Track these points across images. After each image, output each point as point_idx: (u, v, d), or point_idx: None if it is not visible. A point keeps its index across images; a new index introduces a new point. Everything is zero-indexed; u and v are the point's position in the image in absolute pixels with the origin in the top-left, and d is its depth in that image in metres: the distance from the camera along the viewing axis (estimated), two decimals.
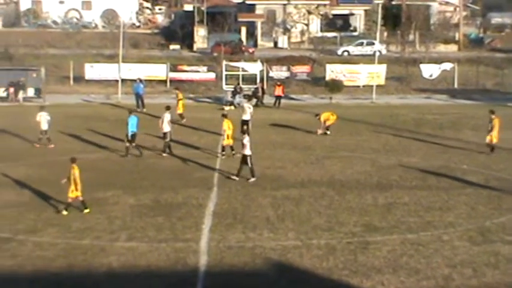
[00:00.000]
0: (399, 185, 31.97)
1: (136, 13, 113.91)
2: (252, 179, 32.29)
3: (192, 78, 67.26)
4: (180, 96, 48.61)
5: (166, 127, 37.86)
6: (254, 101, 57.71)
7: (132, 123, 37.17)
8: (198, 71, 68.07)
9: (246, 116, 41.64)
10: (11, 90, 57.78)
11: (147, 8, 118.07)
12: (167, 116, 38.12)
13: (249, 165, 32.52)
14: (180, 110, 47.14)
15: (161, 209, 28.24)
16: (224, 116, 38.14)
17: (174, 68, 67.58)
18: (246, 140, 32.72)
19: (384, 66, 66.25)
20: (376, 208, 28.59)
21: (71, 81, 67.30)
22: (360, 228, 26.08)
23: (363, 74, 65.93)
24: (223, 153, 37.57)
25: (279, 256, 23.31)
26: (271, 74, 66.91)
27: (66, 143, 41.08)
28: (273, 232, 25.49)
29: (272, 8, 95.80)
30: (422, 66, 69.35)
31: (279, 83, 59.17)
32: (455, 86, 66.99)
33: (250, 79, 64.05)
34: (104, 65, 67.33)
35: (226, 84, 62.40)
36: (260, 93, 58.05)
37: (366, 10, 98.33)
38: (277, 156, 37.50)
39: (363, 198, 29.97)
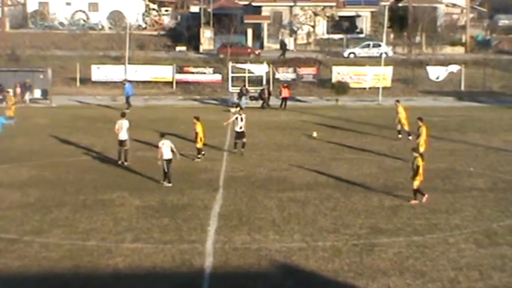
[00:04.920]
0: (405, 187, 31.87)
1: (143, 15, 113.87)
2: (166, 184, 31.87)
3: (198, 80, 67.41)
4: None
5: (125, 135, 36.45)
6: (260, 102, 57.89)
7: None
8: (204, 73, 68.23)
9: (238, 128, 38.59)
10: (18, 91, 57.94)
11: (154, 9, 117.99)
12: (125, 123, 36.64)
13: (166, 169, 31.87)
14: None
15: (167, 210, 28.25)
16: (197, 118, 37.49)
17: (180, 70, 67.76)
18: (161, 143, 31.87)
19: (390, 68, 66.28)
20: (382, 210, 28.55)
21: (78, 83, 67.51)
22: (366, 230, 26.05)
23: (369, 76, 65.98)
24: (199, 156, 37.26)
25: (284, 258, 23.28)
26: (277, 75, 66.99)
27: (72, 144, 41.13)
28: (278, 234, 25.48)
29: (278, 10, 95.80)
30: (428, 68, 69.37)
31: (285, 85, 59.21)
32: (462, 88, 66.98)
33: (256, 81, 64.12)
34: (110, 67, 67.54)
35: (232, 85, 62.44)
36: (266, 95, 58.15)
37: (372, 12, 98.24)
38: (283, 158, 37.49)
39: (369, 200, 29.93)
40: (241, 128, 38.13)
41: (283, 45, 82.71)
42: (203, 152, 37.41)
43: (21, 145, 40.84)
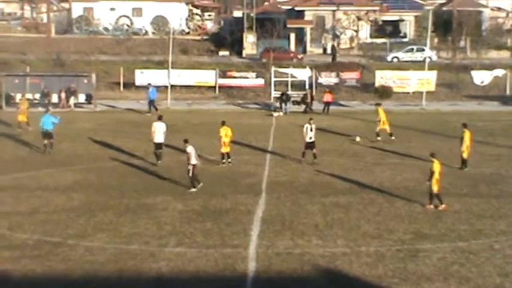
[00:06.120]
0: (449, 192, 31.62)
1: (186, 19, 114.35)
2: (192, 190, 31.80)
3: (240, 85, 67.56)
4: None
5: (161, 137, 36.81)
6: (303, 107, 57.84)
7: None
8: (247, 77, 68.35)
9: (308, 138, 37.52)
10: (63, 96, 58.53)
11: (197, 14, 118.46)
12: (162, 126, 37.03)
13: (190, 174, 31.72)
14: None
15: (210, 214, 28.29)
16: (222, 123, 37.44)
17: (223, 74, 67.94)
18: (190, 148, 31.83)
19: (434, 73, 65.83)
20: (426, 216, 28.32)
21: (121, 87, 67.99)
22: (410, 235, 25.86)
23: (412, 80, 65.65)
24: (223, 161, 37.20)
25: (327, 263, 23.18)
26: (320, 80, 66.86)
27: (115, 149, 41.41)
28: (321, 239, 25.39)
29: (321, 14, 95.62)
30: (473, 72, 68.79)
31: (328, 90, 59.07)
32: (507, 92, 66.25)
33: (299, 85, 64.06)
34: (153, 71, 67.89)
35: (275, 90, 62.42)
36: (309, 100, 58.08)
37: (416, 16, 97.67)
38: (326, 163, 37.36)
39: (413, 205, 29.72)
40: (311, 138, 37.38)
41: (333, 50, 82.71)
42: (230, 159, 37.16)
43: (65, 149, 41.22)
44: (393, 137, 43.55)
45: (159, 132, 36.76)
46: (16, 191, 31.77)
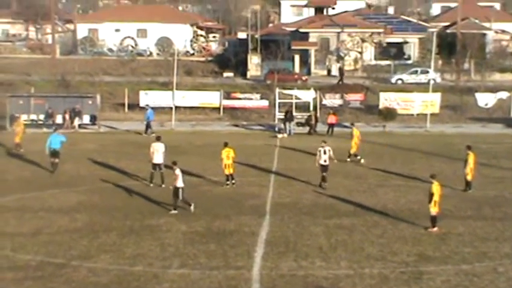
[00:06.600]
0: (453, 215, 31.59)
1: (191, 41, 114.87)
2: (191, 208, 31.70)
3: (245, 106, 67.61)
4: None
5: (160, 158, 36.67)
6: (307, 128, 57.86)
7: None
8: (251, 99, 68.39)
9: (322, 161, 37.12)
10: (67, 117, 58.62)
11: (201, 35, 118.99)
12: (161, 147, 36.94)
13: (180, 197, 31.68)
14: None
15: (213, 236, 28.27)
16: (225, 144, 37.25)
17: (227, 96, 68.01)
18: (178, 171, 31.79)
19: (438, 95, 65.85)
20: (430, 238, 28.26)
21: (126, 108, 68.06)
22: (414, 258, 25.80)
23: (416, 102, 65.64)
24: (227, 182, 37.09)
25: (331, 285, 23.13)
26: (324, 101, 66.91)
27: (119, 170, 41.43)
28: (325, 261, 25.35)
29: (325, 36, 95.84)
30: (477, 95, 68.78)
31: (332, 111, 59.11)
32: (511, 115, 66.18)
33: (303, 107, 64.12)
34: (158, 93, 68.01)
35: (279, 112, 62.49)
36: (313, 121, 58.12)
37: (420, 38, 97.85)
38: (330, 185, 37.29)
39: (416, 227, 29.65)
40: (325, 161, 36.94)
41: (341, 72, 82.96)
42: (233, 181, 37.11)
43: (69, 170, 41.23)
44: (359, 157, 43.91)
45: (157, 152, 36.76)
46: (19, 212, 31.77)
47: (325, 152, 37.00)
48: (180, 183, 31.59)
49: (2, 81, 77.73)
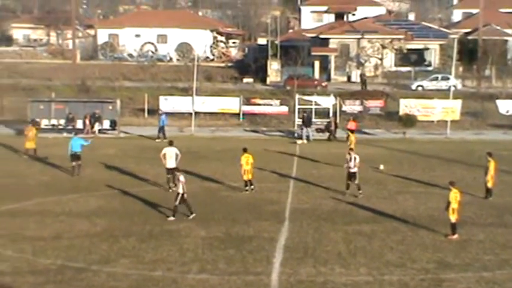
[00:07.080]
0: (474, 222, 31.44)
1: (211, 46, 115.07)
2: (191, 215, 31.60)
3: (264, 112, 67.59)
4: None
5: (173, 163, 36.57)
6: (327, 134, 57.83)
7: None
8: (270, 105, 68.34)
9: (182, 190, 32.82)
10: (87, 121, 58.83)
11: (221, 41, 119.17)
12: (174, 151, 36.98)
13: (176, 203, 31.45)
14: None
15: (232, 241, 28.26)
16: (244, 150, 37.18)
17: (247, 101, 67.99)
18: (182, 177, 31.60)
19: (459, 102, 65.57)
20: (450, 245, 28.13)
21: (146, 114, 68.23)
22: (433, 265, 25.68)
23: (437, 109, 65.38)
24: (246, 188, 37.07)
25: None
26: (344, 108, 66.82)
27: (139, 175, 41.53)
28: (344, 267, 25.27)
29: (346, 42, 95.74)
30: (498, 101, 68.46)
31: (352, 117, 59.05)
32: None
33: (322, 113, 64.06)
34: (178, 98, 68.12)
35: (299, 117, 62.47)
36: (333, 127, 58.06)
37: (441, 45, 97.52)
38: (349, 191, 37.21)
39: (437, 234, 29.53)
40: (350, 168, 36.48)
41: (362, 79, 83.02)
42: (252, 186, 37.10)
43: (90, 175, 41.38)
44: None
45: (170, 157, 36.77)
46: (40, 216, 31.91)
47: (351, 159, 36.63)
48: (181, 189, 31.52)
49: (24, 86, 78.24)
